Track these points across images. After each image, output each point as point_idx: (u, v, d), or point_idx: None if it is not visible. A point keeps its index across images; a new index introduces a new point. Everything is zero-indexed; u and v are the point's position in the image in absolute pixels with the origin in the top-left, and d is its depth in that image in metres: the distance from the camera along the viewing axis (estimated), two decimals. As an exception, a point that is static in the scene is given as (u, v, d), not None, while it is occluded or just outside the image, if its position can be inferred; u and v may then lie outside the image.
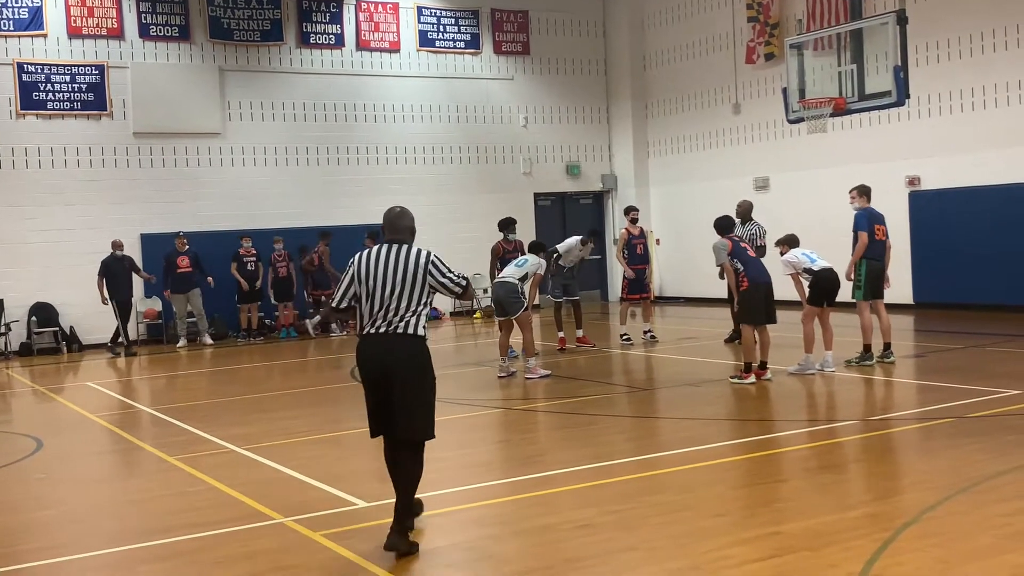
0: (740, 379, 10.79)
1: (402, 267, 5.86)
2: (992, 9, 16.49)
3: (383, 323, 5.84)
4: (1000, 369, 11.13)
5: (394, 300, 5.83)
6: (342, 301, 6.00)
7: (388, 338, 5.82)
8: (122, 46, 19.07)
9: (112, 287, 17.19)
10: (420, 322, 5.88)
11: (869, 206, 11.75)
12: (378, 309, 5.86)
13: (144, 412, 11.55)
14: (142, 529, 6.59)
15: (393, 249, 5.96)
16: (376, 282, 5.86)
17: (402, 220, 6.15)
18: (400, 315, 5.83)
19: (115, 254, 17.35)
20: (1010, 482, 6.51)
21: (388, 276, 5.85)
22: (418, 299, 5.87)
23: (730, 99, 21.29)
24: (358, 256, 6.02)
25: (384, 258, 5.91)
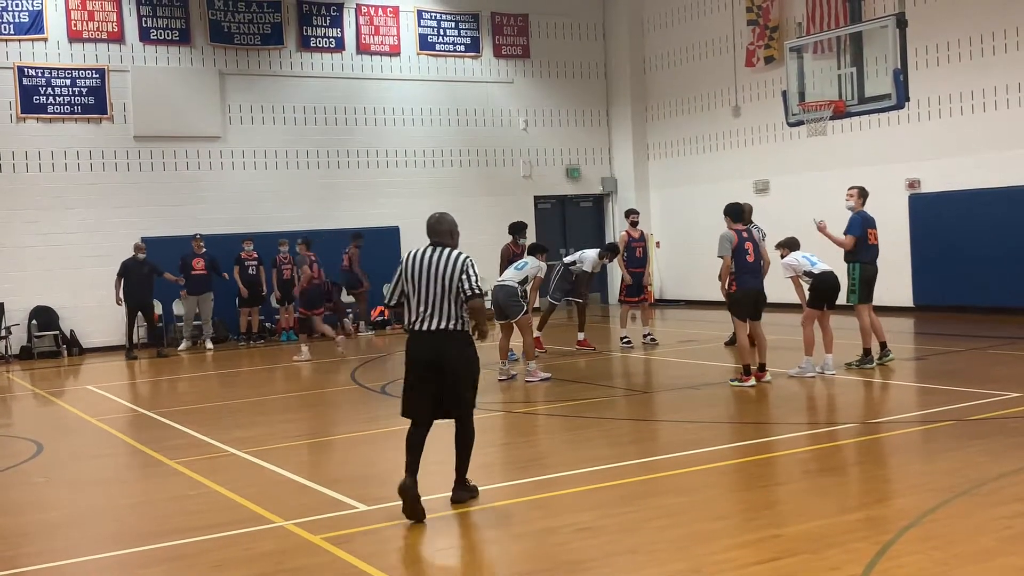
0: (740, 382, 10.79)
1: (442, 268, 6.43)
2: (991, 12, 16.51)
3: (430, 321, 6.42)
4: (1000, 372, 11.13)
5: (438, 299, 6.41)
6: (393, 298, 6.62)
7: (437, 335, 6.41)
8: (122, 50, 19.08)
9: (128, 289, 17.19)
10: (463, 319, 6.46)
11: (863, 209, 11.77)
12: (424, 307, 6.43)
13: (144, 415, 11.54)
14: (142, 532, 6.58)
15: (436, 251, 6.53)
16: (421, 281, 6.44)
17: (440, 224, 6.68)
18: (446, 313, 6.41)
19: (136, 257, 17.36)
20: (1011, 485, 6.51)
21: (431, 276, 6.43)
22: (458, 297, 6.42)
23: (730, 102, 21.30)
24: (407, 256, 6.58)
25: (428, 259, 6.49)
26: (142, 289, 17.26)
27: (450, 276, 6.40)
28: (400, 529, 6.37)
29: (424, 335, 6.44)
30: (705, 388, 11.08)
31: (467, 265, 6.46)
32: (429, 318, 6.42)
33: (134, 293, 17.19)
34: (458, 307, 6.43)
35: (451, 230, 6.66)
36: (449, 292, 6.40)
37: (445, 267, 6.43)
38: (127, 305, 17.25)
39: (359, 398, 11.86)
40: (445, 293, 6.40)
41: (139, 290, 17.23)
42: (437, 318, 6.42)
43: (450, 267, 6.42)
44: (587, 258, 14.77)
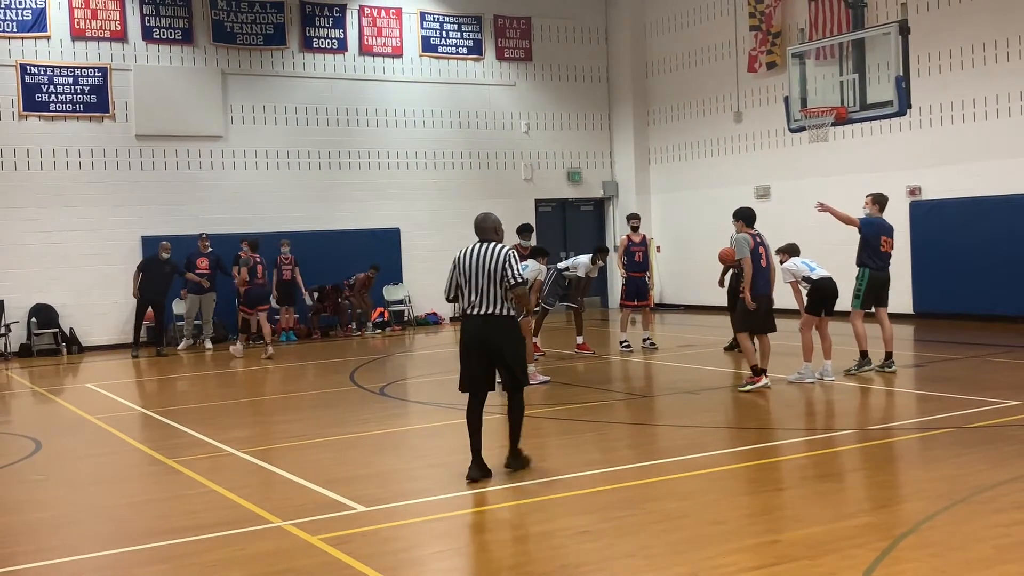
0: (752, 385, 10.75)
1: (489, 261, 7.33)
2: (994, 20, 16.53)
3: (480, 307, 7.34)
4: (1000, 380, 11.13)
5: (486, 288, 7.32)
6: (450, 291, 7.55)
7: (487, 319, 7.33)
8: (125, 48, 19.09)
9: (145, 286, 17.26)
10: (509, 305, 7.37)
11: (881, 216, 11.76)
12: (475, 295, 7.35)
13: (143, 414, 11.54)
14: (139, 531, 6.58)
15: (483, 246, 7.43)
16: (471, 273, 7.35)
17: (485, 223, 7.60)
18: (493, 300, 7.32)
19: (159, 256, 17.46)
20: (1009, 492, 6.51)
21: (479, 268, 7.33)
22: (503, 287, 7.31)
23: (732, 107, 21.30)
24: (459, 253, 7.48)
25: (476, 254, 7.39)
26: (159, 287, 17.36)
27: (495, 267, 7.28)
28: (398, 530, 6.37)
29: (475, 319, 7.36)
30: (704, 393, 11.07)
31: (508, 257, 7.33)
32: (479, 304, 7.33)
33: (150, 290, 17.26)
34: (503, 294, 7.32)
35: (495, 227, 7.55)
36: (494, 282, 7.28)
37: (490, 260, 7.30)
38: (140, 300, 17.28)
39: (358, 399, 11.86)
40: (491, 283, 7.29)
41: (156, 288, 17.31)
42: (486, 304, 7.32)
43: (494, 260, 7.30)
44: (580, 264, 14.75)
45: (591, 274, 15.12)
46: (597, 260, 14.97)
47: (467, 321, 7.45)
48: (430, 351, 17.31)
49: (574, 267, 14.77)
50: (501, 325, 7.34)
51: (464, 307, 7.46)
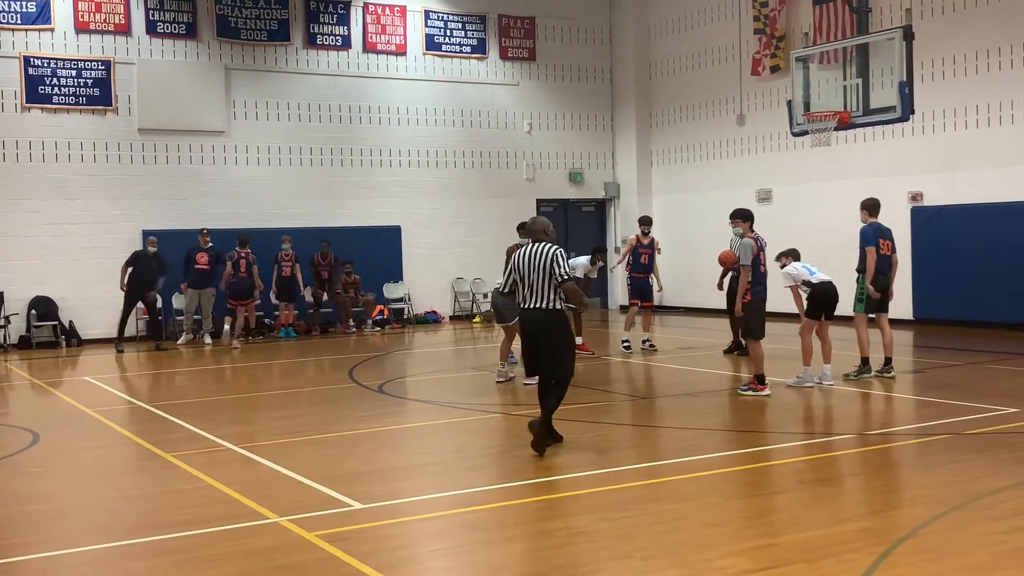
0: (755, 391, 10.74)
1: (539, 259, 8.10)
2: (998, 27, 16.52)
3: (533, 301, 8.14)
4: (999, 387, 11.12)
5: (537, 284, 8.09)
6: (507, 286, 8.46)
7: (539, 312, 8.14)
8: (129, 42, 19.09)
9: (133, 280, 17.25)
10: (559, 299, 8.10)
11: (876, 220, 11.76)
12: (528, 291, 8.16)
13: (141, 408, 11.54)
14: (136, 525, 6.58)
15: (535, 247, 8.21)
16: (525, 271, 8.15)
17: (535, 224, 8.45)
18: (544, 295, 8.09)
19: (147, 250, 17.44)
20: (1007, 499, 6.51)
21: (533, 267, 8.11)
22: (552, 283, 8.06)
23: (735, 110, 21.30)
24: (517, 253, 8.29)
25: (529, 254, 8.18)
26: (147, 282, 17.32)
27: (544, 265, 8.04)
28: (395, 528, 6.37)
29: (529, 311, 8.20)
30: (704, 395, 11.07)
31: (556, 255, 8.07)
32: (532, 298, 8.15)
33: (139, 285, 17.24)
34: (552, 291, 8.07)
35: (544, 228, 8.34)
36: (545, 278, 8.05)
37: (541, 259, 8.08)
38: (128, 295, 17.27)
39: (357, 396, 11.86)
40: (542, 279, 8.06)
41: (144, 283, 17.28)
42: (537, 299, 8.12)
43: (544, 258, 8.07)
44: (578, 265, 14.76)
45: (590, 275, 15.12)
46: (596, 261, 14.99)
47: (523, 313, 8.34)
48: (429, 349, 17.31)
49: (573, 268, 14.74)
50: (548, 318, 8.13)
51: (519, 301, 8.32)
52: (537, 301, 8.12)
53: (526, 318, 8.27)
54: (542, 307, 8.11)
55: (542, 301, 8.10)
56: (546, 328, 8.14)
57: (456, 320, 21.59)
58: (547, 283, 8.05)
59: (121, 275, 17.29)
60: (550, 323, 8.14)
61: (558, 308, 8.13)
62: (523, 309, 8.28)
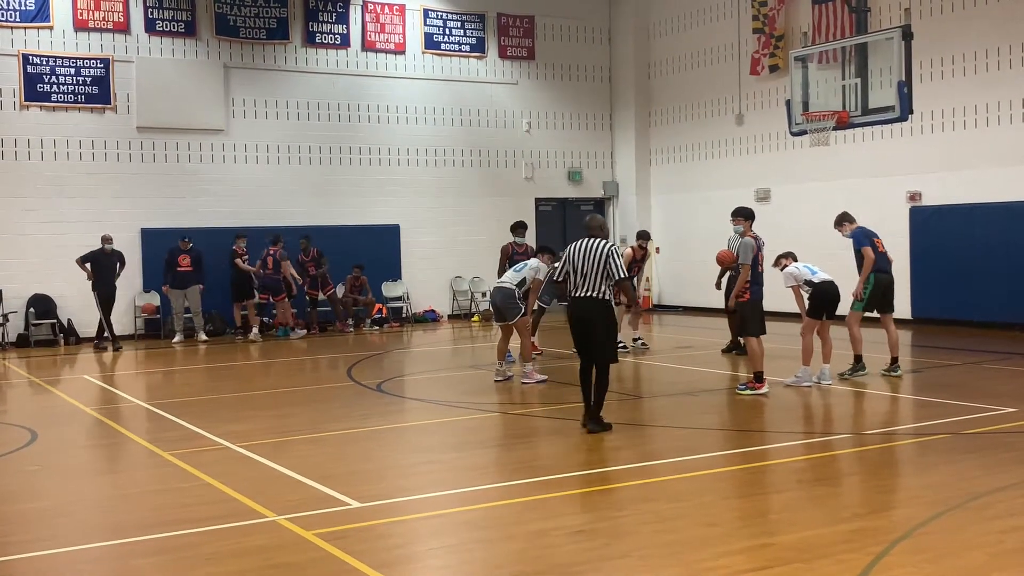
0: (753, 390, 10.75)
1: (595, 253, 8.81)
2: (997, 27, 16.52)
3: (582, 290, 8.81)
4: (997, 387, 11.13)
5: (590, 275, 8.77)
6: (560, 275, 9.15)
7: (587, 301, 8.81)
8: (127, 40, 19.08)
9: (97, 280, 17.26)
10: (607, 291, 8.82)
11: (859, 225, 11.79)
12: (580, 280, 8.82)
13: (139, 407, 11.54)
14: (134, 523, 6.58)
15: (591, 241, 8.90)
16: (579, 263, 8.84)
17: (593, 222, 9.14)
18: (595, 285, 8.78)
19: (104, 249, 17.38)
20: (1004, 499, 6.52)
21: (586, 259, 8.81)
22: (604, 275, 8.77)
23: (733, 110, 21.31)
24: (571, 246, 8.98)
25: (585, 247, 8.88)
26: (109, 280, 17.35)
27: (599, 260, 8.76)
28: (393, 526, 6.38)
29: (578, 299, 8.86)
30: (701, 394, 11.07)
31: (612, 253, 8.80)
32: (583, 287, 8.81)
33: (104, 284, 17.27)
34: (602, 282, 8.76)
35: (600, 225, 9.06)
36: (598, 270, 8.74)
37: (596, 253, 8.79)
38: (98, 296, 17.32)
39: (355, 395, 11.86)
40: (594, 271, 8.75)
41: (107, 281, 17.31)
42: (588, 288, 8.80)
43: (600, 254, 8.79)
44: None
45: None
46: None
47: (572, 301, 8.95)
48: (428, 348, 17.31)
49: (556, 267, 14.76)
50: (597, 306, 8.81)
51: (570, 289, 8.95)
52: (588, 291, 8.79)
53: (576, 306, 8.92)
54: (593, 296, 8.79)
55: (593, 291, 8.78)
56: (593, 315, 8.80)
57: (455, 319, 21.59)
58: (600, 275, 8.75)
59: (84, 270, 17.27)
60: (597, 311, 8.81)
61: (606, 298, 8.82)
62: (573, 297, 8.92)
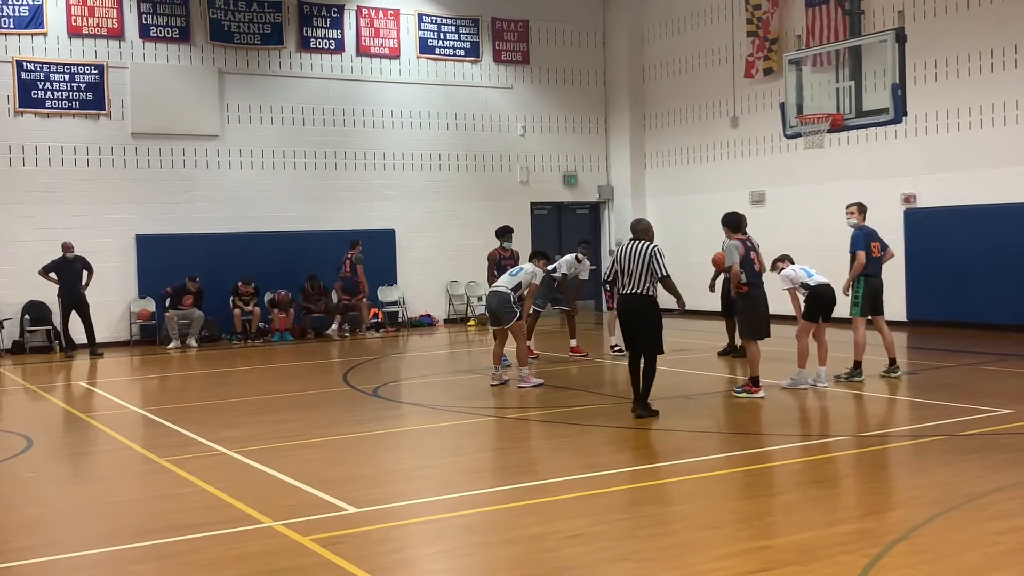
0: (749, 393, 10.75)
1: (640, 254, 9.68)
2: (991, 29, 16.57)
3: (631, 288, 9.71)
4: (993, 388, 11.15)
5: (636, 274, 9.66)
6: (610, 275, 10.84)
7: (635, 297, 9.74)
8: (122, 46, 19.07)
9: (63, 288, 17.22)
10: (652, 287, 9.68)
11: (865, 224, 11.80)
12: (628, 279, 9.72)
13: (135, 413, 11.52)
14: (130, 530, 6.56)
15: (637, 243, 9.80)
16: (626, 263, 9.74)
17: (639, 225, 10.10)
18: (641, 283, 9.67)
19: (65, 256, 17.29)
20: (1001, 500, 6.52)
21: (632, 260, 9.70)
22: (648, 274, 9.64)
23: (728, 113, 21.34)
24: (620, 247, 9.95)
25: (631, 249, 9.77)
26: (76, 287, 17.26)
27: (644, 260, 9.61)
28: (390, 531, 6.37)
29: (626, 296, 9.78)
30: (698, 397, 11.08)
31: (656, 253, 9.64)
32: (629, 285, 9.71)
33: (69, 292, 17.21)
34: (647, 280, 9.64)
35: (646, 228, 10.00)
36: (643, 270, 9.61)
37: (642, 254, 9.65)
38: (63, 304, 17.29)
39: (351, 400, 11.85)
40: (640, 270, 9.62)
41: (73, 287, 17.23)
42: (635, 286, 9.67)
43: (645, 254, 9.64)
44: (563, 262, 14.80)
45: (581, 274, 15.09)
46: (582, 255, 14.91)
47: (621, 298, 9.91)
48: (424, 353, 17.30)
49: (559, 267, 14.77)
50: (643, 302, 9.70)
51: (619, 287, 9.90)
52: (635, 288, 9.67)
53: (624, 302, 9.85)
54: (639, 293, 9.67)
55: (639, 288, 9.65)
56: (640, 310, 9.68)
57: (450, 323, 21.58)
58: (644, 274, 9.61)
59: (49, 280, 17.19)
60: (643, 306, 9.69)
61: (651, 294, 9.68)
62: (622, 295, 9.87)
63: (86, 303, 17.36)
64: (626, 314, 9.85)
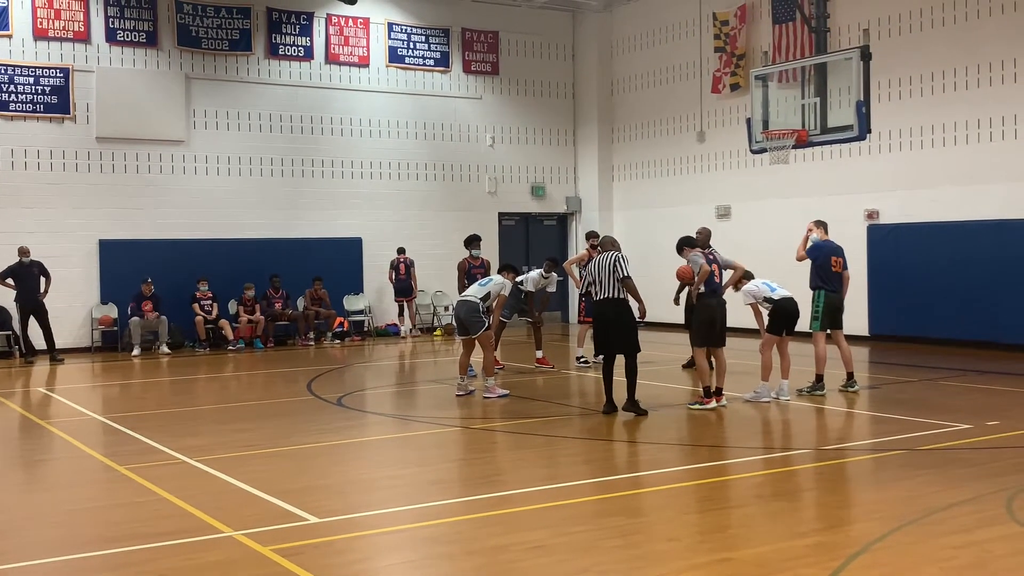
0: (701, 405, 10.84)
1: (607, 263, 10.58)
2: (954, 48, 16.82)
3: (603, 293, 10.57)
4: (952, 403, 11.28)
5: (606, 280, 10.55)
6: (585, 284, 11.04)
7: (607, 301, 10.59)
8: (88, 50, 18.90)
9: (20, 292, 17.05)
10: (623, 292, 10.54)
11: (828, 238, 11.93)
12: (600, 287, 10.60)
13: (95, 420, 11.39)
14: (89, 538, 6.48)
15: (606, 255, 10.68)
16: (598, 272, 10.64)
17: (607, 239, 11.22)
18: (611, 288, 10.54)
19: (21, 261, 17.12)
20: (959, 515, 6.59)
21: (602, 269, 10.60)
22: (616, 279, 10.51)
23: (695, 127, 21.50)
24: (594, 259, 10.83)
25: (602, 260, 10.65)
26: (34, 292, 17.09)
27: (610, 266, 10.54)
28: (352, 542, 6.33)
29: (600, 301, 10.61)
30: (661, 410, 11.11)
31: (618, 259, 10.57)
32: (603, 291, 10.57)
33: (27, 296, 17.05)
34: (617, 286, 10.51)
35: (613, 242, 11.03)
36: (610, 275, 10.53)
37: (609, 263, 10.56)
38: (20, 309, 17.13)
39: (314, 409, 11.78)
40: (608, 276, 10.55)
41: (31, 293, 17.06)
42: (607, 292, 10.55)
43: (611, 262, 10.56)
44: (529, 278, 14.80)
45: (549, 288, 15.14)
46: (548, 272, 14.96)
47: (596, 304, 10.73)
48: (389, 362, 17.24)
49: (525, 281, 14.80)
50: (615, 305, 10.55)
51: (594, 295, 10.71)
52: (606, 293, 10.54)
53: (598, 307, 10.69)
54: (611, 297, 10.53)
55: (610, 293, 10.52)
56: (613, 311, 10.53)
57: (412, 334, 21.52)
58: (612, 279, 10.51)
59: (7, 287, 17.08)
60: (616, 308, 10.54)
61: (622, 297, 10.55)
62: (596, 301, 10.69)
63: (44, 309, 17.17)
64: (601, 317, 10.63)
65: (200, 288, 18.75)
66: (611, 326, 10.61)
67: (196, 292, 18.75)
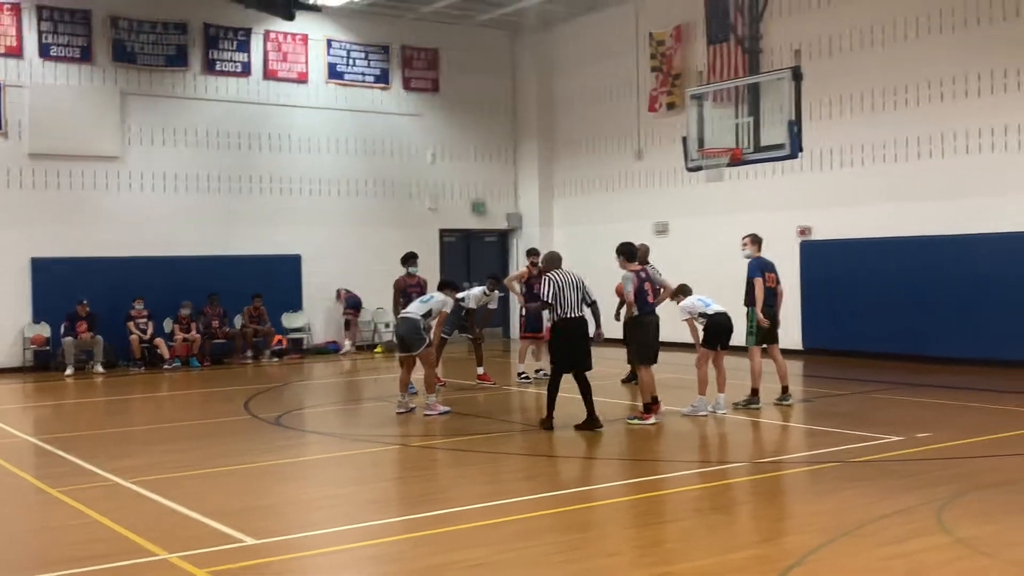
0: (641, 420, 10.93)
1: (574, 282, 10.83)
2: (882, 69, 17.23)
3: (572, 311, 10.71)
4: (884, 416, 11.51)
5: (574, 299, 10.77)
6: (550, 300, 10.76)
7: (574, 320, 10.76)
8: (20, 65, 18.56)
9: None
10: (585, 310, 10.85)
11: (760, 255, 12.13)
12: (567, 304, 10.71)
13: (26, 441, 11.14)
14: (19, 563, 6.35)
15: (568, 274, 10.92)
16: (566, 289, 10.75)
17: (555, 255, 11.41)
18: (578, 306, 10.78)
19: None
20: (891, 526, 6.73)
21: (570, 287, 10.78)
22: (581, 299, 10.83)
23: (633, 145, 21.72)
24: (557, 277, 10.82)
25: (567, 278, 10.85)
26: None
27: (579, 287, 10.85)
28: (290, 563, 6.28)
29: (568, 320, 10.73)
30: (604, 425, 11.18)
31: (583, 283, 10.91)
32: (571, 310, 10.73)
33: None
34: (582, 304, 10.82)
35: (558, 257, 11.22)
36: (578, 295, 10.80)
37: (576, 281, 10.87)
38: None
39: (252, 429, 11.65)
40: (576, 296, 10.79)
41: None
42: (574, 310, 10.75)
43: (579, 282, 10.88)
44: (471, 295, 14.82)
45: (491, 305, 15.16)
46: (491, 290, 14.99)
47: (563, 321, 10.74)
48: (329, 380, 17.11)
49: (467, 298, 14.80)
50: (581, 324, 10.82)
51: (559, 310, 10.73)
52: (575, 312, 10.74)
53: (566, 324, 10.77)
54: (580, 316, 10.77)
55: (579, 311, 10.76)
56: (581, 330, 10.81)
57: (358, 352, 21.40)
58: (580, 299, 10.78)
59: None
60: (582, 328, 10.83)
61: (583, 316, 10.83)
62: (563, 319, 10.77)
63: None
64: (567, 334, 10.76)
65: (135, 307, 18.48)
66: (577, 344, 10.72)
67: (131, 311, 18.47)
